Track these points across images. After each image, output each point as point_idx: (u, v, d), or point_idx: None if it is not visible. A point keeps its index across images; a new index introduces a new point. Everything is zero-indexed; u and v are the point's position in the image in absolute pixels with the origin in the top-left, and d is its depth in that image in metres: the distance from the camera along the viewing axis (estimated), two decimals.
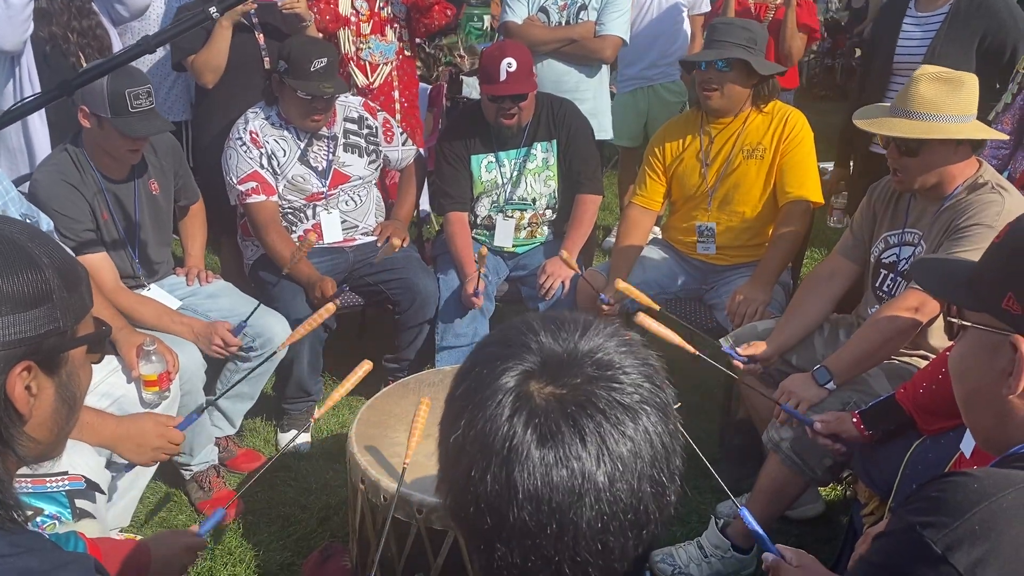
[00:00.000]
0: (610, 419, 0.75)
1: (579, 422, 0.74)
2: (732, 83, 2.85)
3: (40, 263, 0.97)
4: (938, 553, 0.88)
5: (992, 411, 1.09)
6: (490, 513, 0.75)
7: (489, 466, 0.74)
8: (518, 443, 0.74)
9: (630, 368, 0.78)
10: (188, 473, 2.77)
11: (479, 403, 0.77)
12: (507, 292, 3.43)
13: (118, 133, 2.52)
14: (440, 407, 0.85)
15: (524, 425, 0.74)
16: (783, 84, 4.47)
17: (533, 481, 0.73)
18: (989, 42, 3.02)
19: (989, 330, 1.07)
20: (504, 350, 0.80)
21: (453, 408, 0.80)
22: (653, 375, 0.79)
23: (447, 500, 0.81)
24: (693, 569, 2.40)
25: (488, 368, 0.79)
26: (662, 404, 0.78)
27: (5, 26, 2.82)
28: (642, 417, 0.76)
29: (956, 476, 0.94)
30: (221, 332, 2.66)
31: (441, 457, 0.82)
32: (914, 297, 2.19)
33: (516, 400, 0.75)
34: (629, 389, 0.76)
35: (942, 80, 2.16)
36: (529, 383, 0.76)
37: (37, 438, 1.00)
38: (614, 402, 0.75)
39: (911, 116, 2.17)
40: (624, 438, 0.75)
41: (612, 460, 0.74)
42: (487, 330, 3.23)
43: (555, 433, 0.74)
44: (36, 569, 0.90)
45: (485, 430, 0.75)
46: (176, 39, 3.11)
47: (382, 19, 3.53)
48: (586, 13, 3.67)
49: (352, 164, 3.23)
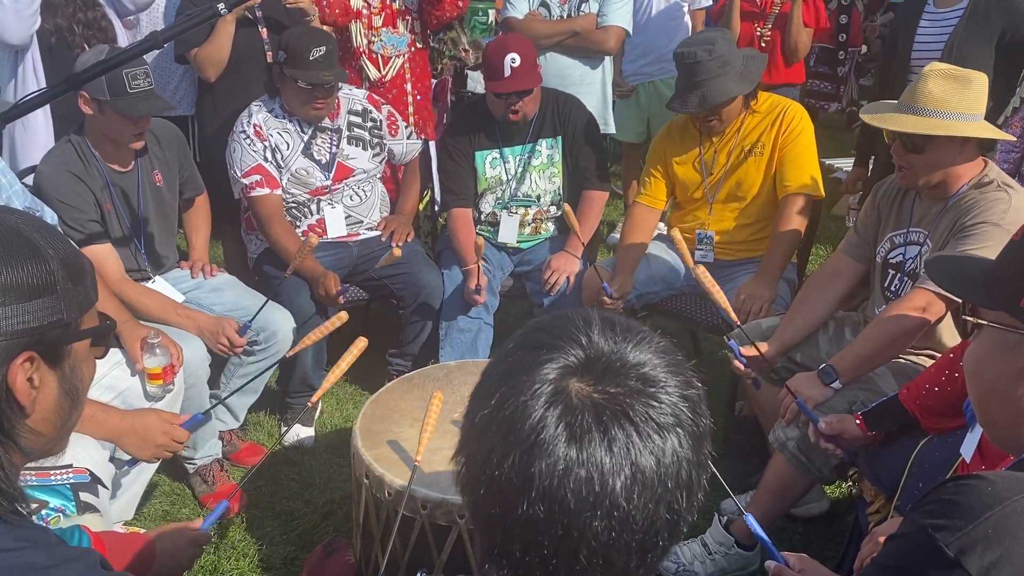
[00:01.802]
0: (642, 434, 0.73)
1: (610, 430, 0.72)
2: (725, 107, 2.85)
3: (45, 254, 0.97)
4: (951, 556, 0.87)
5: (1008, 411, 1.07)
6: (500, 500, 0.74)
7: (510, 452, 0.73)
8: (546, 436, 0.72)
9: (672, 389, 0.76)
10: (192, 467, 2.77)
11: (515, 387, 0.75)
12: (511, 287, 3.42)
13: (119, 116, 2.52)
14: (450, 401, 0.84)
15: (556, 420, 0.73)
16: (790, 80, 4.46)
17: (551, 479, 0.72)
18: (1009, 38, 2.99)
19: (1007, 329, 1.06)
20: (552, 339, 0.78)
21: (488, 384, 0.79)
22: (696, 402, 0.77)
23: (461, 471, 0.80)
24: (697, 566, 2.40)
25: (532, 354, 0.77)
26: (697, 433, 0.76)
27: (12, 20, 2.82)
28: (673, 440, 0.74)
29: (970, 479, 0.93)
30: (228, 332, 2.65)
31: (465, 427, 0.80)
32: (921, 297, 2.18)
33: (554, 394, 0.74)
34: (667, 410, 0.75)
35: (951, 77, 2.15)
36: (570, 379, 0.75)
37: (40, 431, 1.00)
38: (649, 419, 0.74)
39: (917, 112, 2.17)
40: (651, 456, 0.73)
41: (634, 476, 0.72)
42: (491, 326, 3.22)
43: (584, 434, 0.72)
44: (41, 564, 0.90)
45: (515, 415, 0.74)
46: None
47: (394, 12, 3.51)
48: (587, 5, 3.65)
49: (356, 157, 3.22)
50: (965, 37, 3.02)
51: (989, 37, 3.00)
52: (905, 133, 2.18)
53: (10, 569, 0.88)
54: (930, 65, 2.22)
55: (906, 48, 3.22)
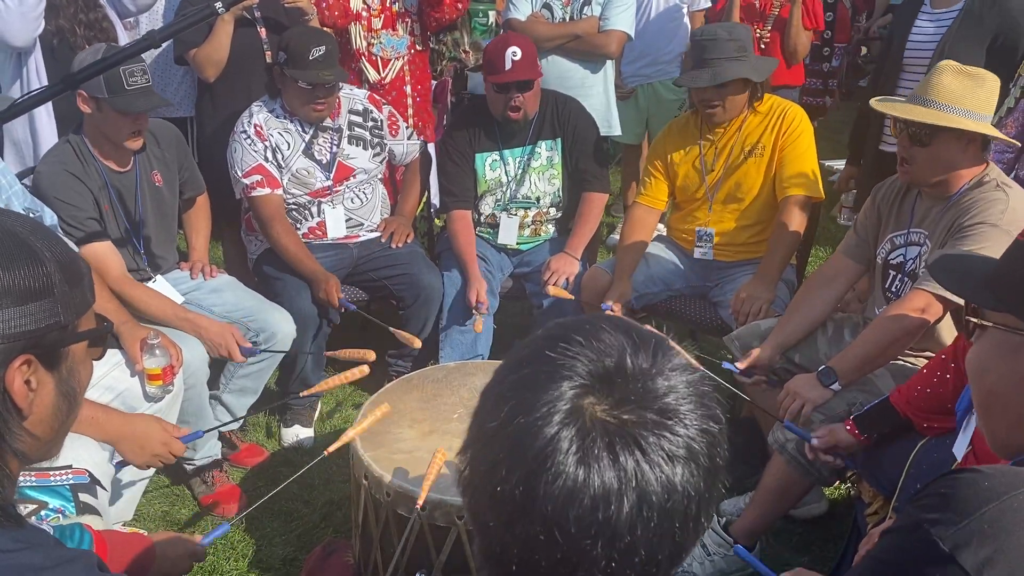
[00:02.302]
0: (652, 464, 0.71)
1: (620, 457, 0.70)
2: (731, 95, 2.85)
3: (41, 257, 0.96)
4: (945, 551, 0.86)
5: (1011, 414, 1.06)
6: (501, 514, 0.73)
7: (515, 468, 0.71)
8: (555, 459, 0.70)
9: (691, 422, 0.73)
10: (191, 467, 2.77)
11: (528, 402, 0.73)
12: (511, 288, 3.42)
13: (117, 113, 2.52)
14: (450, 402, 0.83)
15: (569, 442, 0.70)
16: (789, 81, 4.46)
17: (554, 503, 0.70)
18: (1001, 41, 2.99)
19: (1011, 331, 1.04)
20: (575, 348, 0.75)
21: (499, 390, 0.76)
22: (714, 436, 0.75)
23: (464, 471, 0.78)
24: (696, 567, 2.40)
25: (549, 367, 0.74)
26: (711, 468, 0.74)
27: (18, 23, 2.84)
28: (684, 473, 0.72)
29: (966, 473, 0.92)
30: (231, 345, 2.62)
31: (472, 428, 0.78)
32: (921, 298, 2.18)
33: (568, 414, 0.71)
34: (681, 443, 0.72)
35: (966, 74, 2.17)
36: (586, 397, 0.72)
37: (36, 434, 0.99)
38: (660, 448, 0.71)
39: (928, 104, 2.18)
40: (659, 487, 0.71)
41: (640, 506, 0.70)
42: (491, 327, 3.22)
43: (593, 461, 0.70)
44: (39, 565, 0.90)
45: (526, 431, 0.71)
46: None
47: (393, 14, 3.51)
48: (590, 8, 3.65)
49: (356, 157, 3.22)
50: (957, 38, 3.03)
51: (981, 39, 3.00)
52: (912, 125, 2.19)
53: (8, 570, 0.88)
54: (945, 60, 2.24)
55: (900, 47, 3.23)
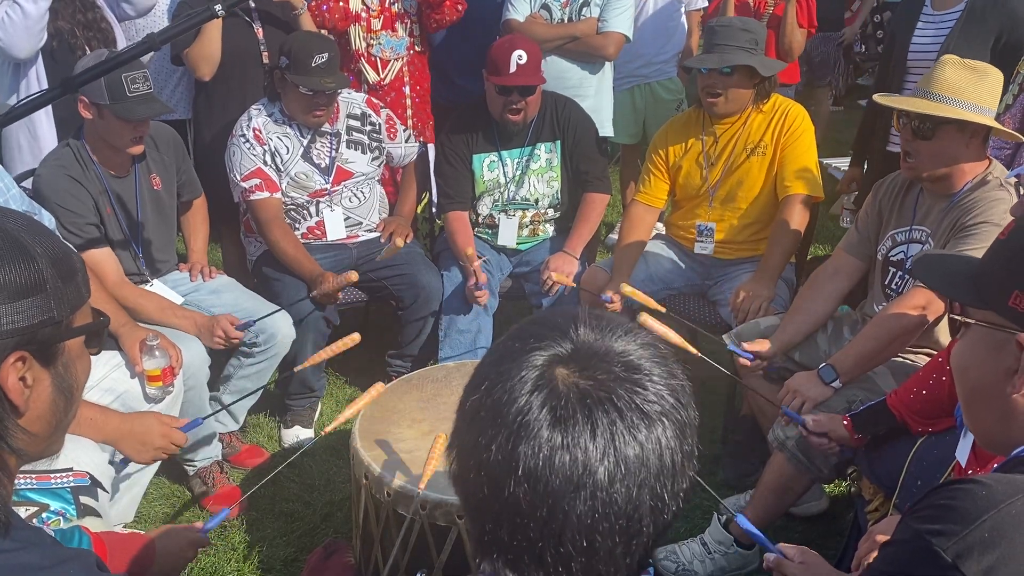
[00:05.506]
0: (625, 420, 0.75)
1: (594, 415, 0.75)
2: (735, 87, 2.84)
3: (33, 253, 0.96)
4: (948, 561, 0.87)
5: (995, 410, 1.07)
6: (488, 483, 0.77)
7: (497, 435, 0.76)
8: (531, 419, 0.75)
9: (657, 378, 0.79)
10: (191, 469, 2.77)
11: (503, 373, 0.78)
12: (510, 288, 3.42)
13: (119, 120, 2.52)
14: (449, 402, 0.86)
15: (541, 404, 0.75)
16: (784, 80, 4.45)
17: (535, 460, 0.74)
18: (1005, 41, 2.98)
19: (994, 328, 1.05)
20: (542, 330, 0.81)
21: (479, 373, 0.82)
22: (679, 391, 0.80)
23: (452, 464, 0.83)
24: (697, 566, 2.40)
25: (521, 343, 0.80)
26: (681, 422, 0.78)
27: (23, 36, 2.85)
28: (657, 428, 0.76)
29: (965, 483, 0.93)
30: (223, 324, 2.66)
31: (457, 418, 0.83)
32: (921, 295, 2.18)
33: (539, 379, 0.77)
34: (652, 397, 0.77)
35: (968, 67, 2.18)
36: (556, 367, 0.78)
37: (34, 431, 0.99)
38: (633, 405, 0.76)
39: (931, 97, 2.18)
40: (634, 442, 0.75)
41: (617, 460, 0.74)
42: (490, 326, 3.22)
43: (568, 419, 0.75)
44: (37, 565, 0.90)
45: (502, 400, 0.77)
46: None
47: (393, 15, 3.52)
48: (588, 10, 3.65)
49: (355, 161, 3.22)
50: (961, 39, 3.02)
51: (985, 39, 2.99)
52: (915, 117, 2.19)
53: (6, 570, 0.88)
54: (947, 55, 2.24)
55: (903, 50, 3.22)
